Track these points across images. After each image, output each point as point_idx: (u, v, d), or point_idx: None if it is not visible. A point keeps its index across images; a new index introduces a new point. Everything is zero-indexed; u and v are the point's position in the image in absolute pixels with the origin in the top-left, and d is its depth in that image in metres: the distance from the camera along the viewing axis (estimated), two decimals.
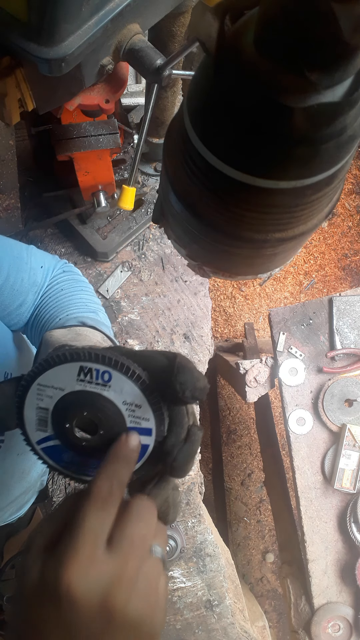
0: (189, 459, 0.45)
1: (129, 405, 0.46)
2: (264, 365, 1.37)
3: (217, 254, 0.43)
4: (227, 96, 0.29)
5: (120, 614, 0.37)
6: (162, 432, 0.46)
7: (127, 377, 0.45)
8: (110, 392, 0.45)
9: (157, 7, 0.68)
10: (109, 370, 0.45)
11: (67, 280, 0.81)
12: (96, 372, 0.45)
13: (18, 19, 0.55)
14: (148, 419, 0.46)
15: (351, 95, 0.27)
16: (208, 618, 1.21)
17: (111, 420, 0.46)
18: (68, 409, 0.46)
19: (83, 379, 0.45)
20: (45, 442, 0.48)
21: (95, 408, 0.45)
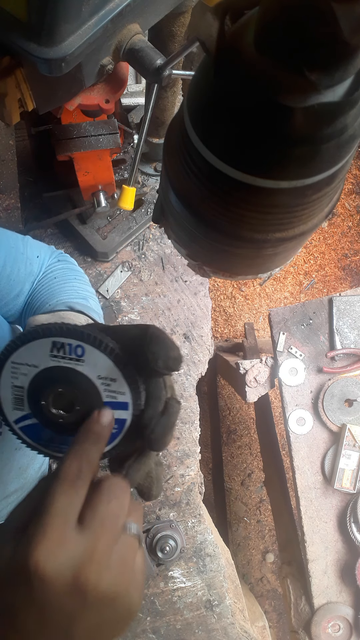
0: (167, 431, 0.45)
1: (104, 380, 0.45)
2: (264, 365, 1.37)
3: (217, 254, 0.43)
4: (227, 96, 0.29)
5: (93, 591, 0.36)
6: (139, 406, 0.46)
7: (100, 351, 0.44)
8: (85, 366, 0.45)
9: (157, 7, 0.68)
10: (81, 345, 0.44)
11: (61, 269, 0.81)
12: (69, 347, 0.44)
13: (18, 19, 0.55)
14: (124, 393, 0.45)
15: (351, 95, 0.28)
16: (208, 618, 1.21)
17: (87, 395, 0.45)
18: (43, 386, 0.46)
19: (56, 354, 0.44)
20: (23, 420, 0.48)
21: (70, 384, 0.45)
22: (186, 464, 1.24)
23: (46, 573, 0.35)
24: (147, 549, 1.11)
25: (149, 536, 1.13)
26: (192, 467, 1.24)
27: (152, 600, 1.20)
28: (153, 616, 1.20)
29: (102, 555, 0.37)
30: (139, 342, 0.43)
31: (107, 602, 0.37)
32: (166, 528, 1.14)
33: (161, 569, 1.20)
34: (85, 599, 0.36)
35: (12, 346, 0.45)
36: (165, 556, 1.11)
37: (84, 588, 0.36)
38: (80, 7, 0.56)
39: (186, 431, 1.24)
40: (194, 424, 1.25)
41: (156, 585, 1.20)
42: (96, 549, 0.37)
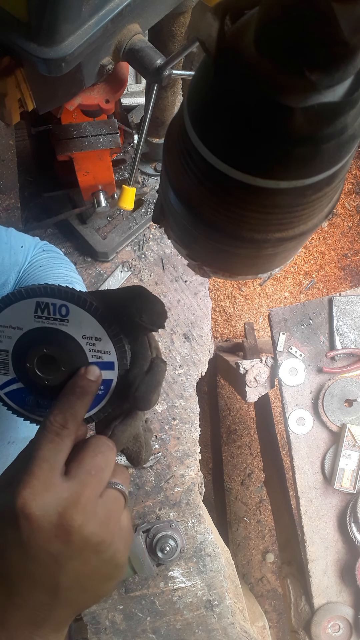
0: (152, 389, 0.45)
1: (89, 339, 0.45)
2: (264, 365, 1.37)
3: (217, 254, 0.43)
4: (227, 96, 0.29)
5: (78, 535, 0.37)
6: (125, 366, 0.46)
7: (85, 310, 0.44)
8: (69, 326, 0.44)
9: (157, 7, 0.68)
10: (65, 304, 0.44)
11: (46, 258, 0.83)
12: (53, 307, 0.44)
13: (18, 19, 0.55)
14: (109, 352, 0.45)
15: (351, 95, 0.28)
16: (208, 618, 1.21)
17: (72, 355, 0.45)
18: (28, 348, 0.45)
19: (41, 315, 0.44)
20: (8, 386, 0.47)
21: (55, 344, 0.45)
22: (186, 464, 1.24)
23: (32, 513, 0.36)
24: (147, 549, 1.11)
25: (149, 536, 1.13)
26: (192, 467, 1.24)
27: (152, 600, 1.20)
28: (153, 616, 1.20)
29: (87, 502, 0.38)
30: (124, 301, 0.44)
31: (92, 548, 0.38)
32: (166, 528, 1.14)
33: (161, 569, 1.20)
34: (71, 540, 0.37)
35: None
36: (165, 556, 1.11)
37: (69, 529, 0.37)
38: (80, 7, 0.56)
39: (186, 431, 1.24)
40: (194, 424, 1.25)
41: (156, 585, 1.20)
42: (82, 495, 0.38)
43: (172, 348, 1.26)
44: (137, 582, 1.20)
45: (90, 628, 1.19)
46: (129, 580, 1.19)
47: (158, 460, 1.22)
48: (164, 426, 1.24)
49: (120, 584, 1.19)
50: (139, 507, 1.22)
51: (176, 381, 1.25)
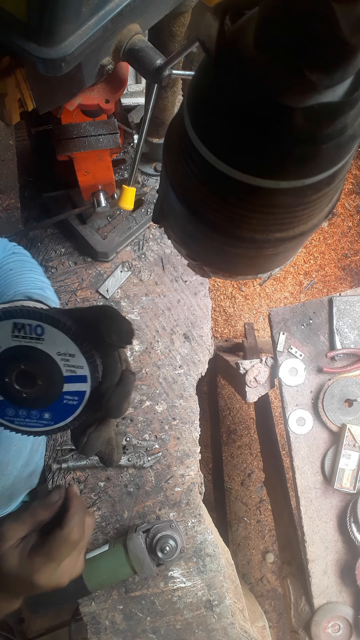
0: (123, 399, 0.50)
1: (63, 355, 0.49)
2: (264, 365, 1.37)
3: (217, 254, 0.43)
4: (227, 96, 0.29)
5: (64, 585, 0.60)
6: (97, 379, 0.51)
7: (59, 329, 0.48)
8: (44, 344, 0.49)
9: (157, 7, 0.68)
10: (40, 324, 0.48)
11: (16, 261, 0.85)
12: (29, 327, 0.48)
13: (18, 19, 0.55)
14: (82, 367, 0.50)
15: (351, 95, 0.28)
16: (208, 618, 1.21)
17: (48, 370, 0.50)
18: (6, 364, 0.49)
19: (17, 334, 0.48)
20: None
21: (31, 360, 0.49)
22: (186, 464, 1.24)
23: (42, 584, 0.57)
24: (147, 549, 1.11)
25: (149, 536, 1.13)
26: (192, 467, 1.24)
27: (152, 600, 1.20)
28: (153, 616, 1.20)
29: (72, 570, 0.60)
30: (94, 320, 0.48)
31: None
32: (166, 528, 1.14)
33: (161, 569, 1.20)
34: None
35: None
36: (165, 556, 1.11)
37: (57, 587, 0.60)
38: (80, 7, 0.56)
39: (186, 431, 1.24)
40: (194, 424, 1.25)
41: (156, 585, 1.20)
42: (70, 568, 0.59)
43: (172, 348, 1.26)
44: (137, 582, 1.20)
45: (90, 628, 1.19)
46: (129, 580, 1.19)
47: (158, 460, 1.22)
48: (164, 426, 1.24)
49: (120, 584, 1.19)
50: (139, 507, 1.22)
51: (176, 381, 1.25)
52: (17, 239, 1.21)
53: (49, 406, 0.52)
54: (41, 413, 0.52)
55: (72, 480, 1.21)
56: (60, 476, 1.21)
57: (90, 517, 0.60)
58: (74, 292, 1.26)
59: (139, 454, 1.21)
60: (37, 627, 1.87)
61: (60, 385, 0.51)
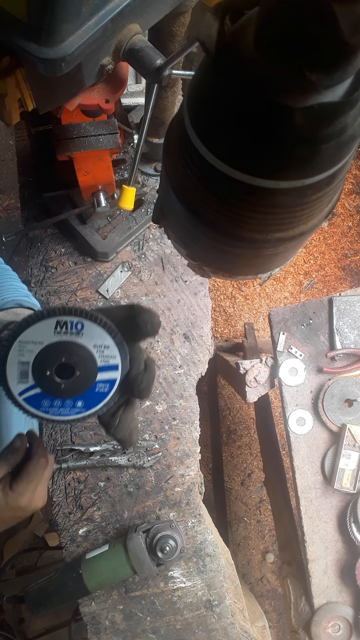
0: (151, 381, 0.59)
1: (99, 347, 0.55)
2: (264, 365, 1.37)
3: (217, 254, 0.43)
4: (227, 96, 0.29)
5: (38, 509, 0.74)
6: (126, 367, 0.57)
7: (97, 324, 0.54)
8: (83, 338, 0.54)
9: (157, 7, 0.68)
10: (82, 321, 0.54)
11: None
12: (71, 324, 0.54)
13: (18, 19, 0.55)
14: (115, 356, 0.56)
15: (351, 95, 0.27)
16: (208, 618, 1.21)
17: (85, 361, 0.55)
18: (48, 358, 0.54)
19: (59, 331, 0.54)
20: (27, 392, 0.56)
21: (71, 353, 0.54)
22: (186, 464, 1.24)
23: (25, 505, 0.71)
24: (147, 549, 1.11)
25: (149, 536, 1.13)
26: (192, 467, 1.24)
27: (152, 600, 1.20)
28: (153, 616, 1.20)
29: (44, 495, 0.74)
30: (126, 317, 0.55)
31: None
32: (166, 528, 1.14)
33: (161, 569, 1.20)
34: None
35: (20, 327, 0.53)
36: (165, 556, 1.11)
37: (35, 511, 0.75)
38: (80, 7, 0.56)
39: (186, 431, 1.24)
40: (194, 424, 1.25)
41: (156, 585, 1.20)
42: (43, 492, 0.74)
43: (172, 348, 1.26)
44: (137, 582, 1.20)
45: (90, 628, 1.19)
46: (129, 580, 1.19)
47: (158, 460, 1.22)
48: (164, 426, 1.24)
49: (120, 584, 1.19)
50: (139, 507, 1.22)
51: (176, 381, 1.25)
52: (17, 239, 1.21)
53: (82, 394, 0.57)
54: (74, 401, 0.57)
55: (72, 480, 1.21)
56: (60, 476, 1.21)
57: (50, 455, 0.75)
58: (74, 292, 1.26)
59: (139, 454, 1.21)
60: (37, 627, 1.87)
61: (94, 374, 0.56)
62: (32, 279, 1.26)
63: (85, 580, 1.10)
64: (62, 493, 1.21)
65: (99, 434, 1.22)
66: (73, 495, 1.21)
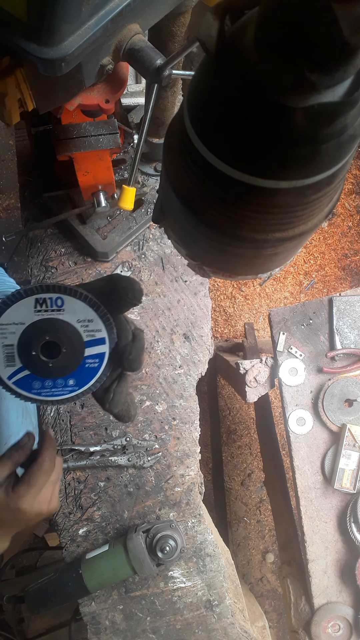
0: (141, 352, 0.56)
1: (83, 322, 0.54)
2: (264, 365, 1.37)
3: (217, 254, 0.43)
4: (227, 96, 0.29)
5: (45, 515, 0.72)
6: (113, 339, 0.55)
7: (77, 298, 0.52)
8: (65, 314, 0.53)
9: (157, 7, 0.68)
10: (60, 296, 0.52)
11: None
12: (50, 300, 0.52)
13: (18, 19, 0.55)
14: (100, 330, 0.54)
15: (351, 95, 0.27)
16: (208, 618, 1.21)
17: (70, 338, 0.54)
18: (32, 338, 0.53)
19: (40, 309, 0.52)
20: (15, 375, 0.55)
21: (55, 330, 0.53)
22: (186, 464, 1.24)
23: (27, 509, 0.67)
24: (147, 549, 1.11)
25: (149, 536, 1.13)
26: (192, 467, 1.24)
27: (152, 600, 1.20)
28: (153, 616, 1.20)
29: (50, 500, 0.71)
30: (106, 288, 0.54)
31: None
32: (166, 528, 1.14)
33: (161, 569, 1.20)
34: None
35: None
36: (165, 556, 1.11)
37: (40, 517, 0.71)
38: (80, 7, 0.56)
39: (186, 431, 1.24)
40: (194, 424, 1.25)
41: (156, 585, 1.20)
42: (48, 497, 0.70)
43: (172, 348, 1.26)
44: (137, 582, 1.20)
45: (90, 628, 1.19)
46: (129, 580, 1.19)
47: (158, 460, 1.22)
48: (164, 426, 1.24)
49: (120, 584, 1.19)
50: (139, 507, 1.22)
51: (176, 381, 1.25)
52: (17, 239, 1.21)
53: (73, 372, 0.56)
54: (66, 380, 0.56)
55: (72, 480, 1.21)
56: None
57: (59, 457, 0.73)
58: None
59: (139, 454, 1.21)
60: (37, 627, 1.87)
61: (82, 350, 0.55)
62: (32, 279, 1.26)
63: (85, 580, 1.10)
64: (62, 493, 1.21)
65: (99, 434, 1.22)
66: (73, 495, 1.21)
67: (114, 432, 1.22)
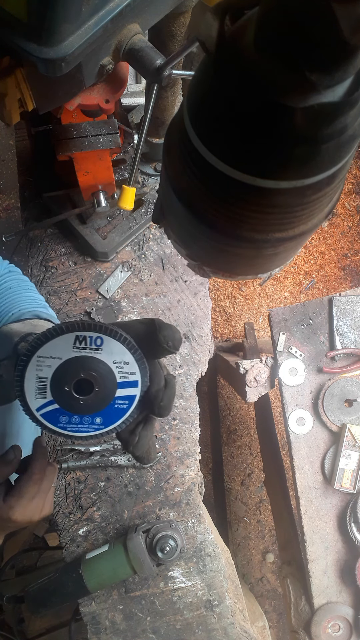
0: (172, 399, 0.56)
1: (119, 363, 0.54)
2: (264, 365, 1.37)
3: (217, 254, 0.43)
4: (226, 96, 0.29)
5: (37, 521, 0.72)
6: (145, 383, 0.56)
7: (116, 340, 0.53)
8: (102, 354, 0.54)
9: (157, 7, 0.68)
10: (100, 336, 0.53)
11: (14, 280, 0.90)
12: (89, 339, 0.53)
13: (18, 19, 0.55)
14: (134, 373, 0.55)
15: (351, 95, 0.27)
16: (208, 618, 1.21)
17: (104, 377, 0.54)
18: (66, 374, 0.53)
19: (78, 346, 0.53)
20: (44, 407, 0.55)
21: (90, 369, 0.53)
22: (186, 464, 1.24)
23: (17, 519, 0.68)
24: (147, 549, 1.11)
25: (149, 536, 1.13)
26: (192, 467, 1.24)
27: (152, 600, 1.20)
28: (153, 616, 1.20)
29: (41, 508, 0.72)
30: (145, 332, 0.54)
31: None
32: (166, 528, 1.14)
33: (161, 569, 1.20)
34: None
35: (38, 342, 0.53)
36: (165, 556, 1.11)
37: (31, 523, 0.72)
38: (80, 7, 0.56)
39: (186, 431, 1.24)
40: (194, 424, 1.25)
41: (156, 585, 1.20)
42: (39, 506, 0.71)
43: None
44: (137, 582, 1.20)
45: (90, 628, 1.19)
46: (129, 580, 1.19)
47: (158, 460, 1.22)
48: (164, 426, 1.24)
49: (120, 584, 1.19)
50: (139, 507, 1.22)
51: (176, 381, 1.25)
52: (17, 239, 1.21)
53: (101, 411, 0.56)
54: (93, 418, 0.56)
55: (72, 480, 1.21)
56: (60, 476, 1.21)
57: (51, 466, 0.73)
58: (74, 292, 1.26)
59: None
60: (37, 627, 1.87)
61: (113, 391, 0.55)
62: (32, 279, 1.26)
63: (85, 580, 1.10)
64: (62, 493, 1.21)
65: None
66: (73, 495, 1.21)
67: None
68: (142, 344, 0.54)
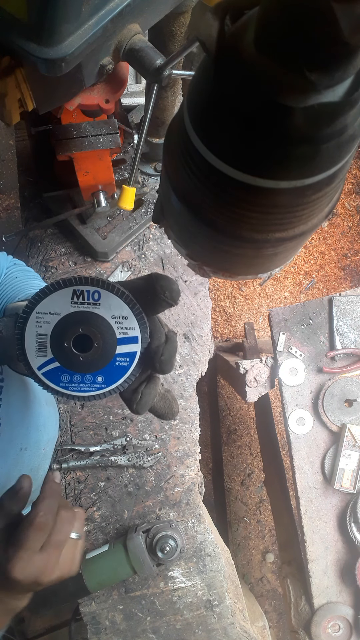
0: (173, 355, 0.55)
1: (117, 319, 0.53)
2: (264, 365, 1.37)
3: (217, 254, 0.43)
4: (227, 96, 0.29)
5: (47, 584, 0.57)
6: (146, 339, 0.54)
7: (114, 294, 0.52)
8: (101, 309, 0.53)
9: (157, 7, 0.68)
10: (98, 290, 0.52)
11: (20, 271, 0.90)
12: (87, 293, 0.52)
13: (18, 19, 0.55)
14: (134, 328, 0.54)
15: (351, 95, 0.27)
16: (208, 618, 1.21)
17: (103, 333, 0.53)
18: (65, 330, 0.53)
19: (76, 301, 0.52)
20: (46, 366, 0.55)
21: (89, 324, 0.53)
22: (186, 464, 1.24)
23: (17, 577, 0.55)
24: (147, 549, 1.11)
25: (149, 536, 1.13)
26: (192, 467, 1.24)
27: (152, 600, 1.20)
28: (153, 616, 1.20)
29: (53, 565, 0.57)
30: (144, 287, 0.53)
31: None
32: (166, 528, 1.14)
33: (161, 569, 1.20)
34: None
35: (36, 299, 0.52)
36: (165, 556, 1.11)
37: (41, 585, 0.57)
38: (80, 7, 0.56)
39: (186, 431, 1.24)
40: (194, 424, 1.25)
41: (156, 585, 1.20)
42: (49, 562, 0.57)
43: None
44: (137, 582, 1.20)
45: (90, 628, 1.19)
46: (129, 580, 1.19)
47: (158, 460, 1.22)
48: (164, 426, 1.24)
49: (120, 584, 1.19)
50: (139, 507, 1.22)
51: (176, 381, 1.25)
52: (17, 239, 1.21)
53: (102, 369, 0.55)
54: (94, 377, 0.55)
55: (72, 480, 1.21)
56: (60, 476, 1.21)
57: (68, 511, 0.60)
58: None
59: (139, 454, 1.21)
60: (37, 627, 1.87)
61: (113, 347, 0.54)
62: None
63: (85, 580, 1.10)
64: (62, 493, 1.21)
65: (99, 434, 1.22)
66: (73, 495, 1.21)
67: (114, 432, 1.22)
68: (140, 299, 0.53)
